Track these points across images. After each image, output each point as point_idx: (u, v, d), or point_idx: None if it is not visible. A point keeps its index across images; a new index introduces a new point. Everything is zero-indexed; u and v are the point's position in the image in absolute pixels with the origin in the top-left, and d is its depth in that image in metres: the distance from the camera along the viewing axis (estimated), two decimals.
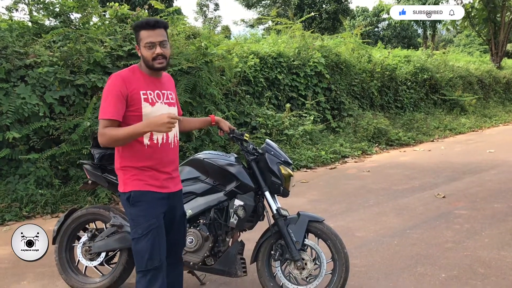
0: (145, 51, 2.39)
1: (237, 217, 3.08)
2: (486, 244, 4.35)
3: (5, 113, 5.72)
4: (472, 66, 19.62)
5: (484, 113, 17.02)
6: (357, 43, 13.83)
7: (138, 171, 2.43)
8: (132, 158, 2.43)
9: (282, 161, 3.20)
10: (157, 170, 2.46)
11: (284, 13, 29.93)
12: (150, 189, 2.43)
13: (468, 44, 40.16)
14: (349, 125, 11.40)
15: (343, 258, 3.05)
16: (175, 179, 2.60)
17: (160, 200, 2.47)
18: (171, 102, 2.56)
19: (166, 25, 2.45)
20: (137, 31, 2.42)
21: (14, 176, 5.91)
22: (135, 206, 2.43)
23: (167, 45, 2.43)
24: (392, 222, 5.11)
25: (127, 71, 2.45)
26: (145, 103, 2.41)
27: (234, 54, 9.65)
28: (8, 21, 7.28)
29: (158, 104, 2.45)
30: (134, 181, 2.43)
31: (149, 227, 2.41)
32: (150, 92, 2.44)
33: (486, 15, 22.28)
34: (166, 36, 2.43)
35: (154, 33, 2.38)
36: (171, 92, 2.61)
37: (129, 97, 2.37)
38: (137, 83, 2.41)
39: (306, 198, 6.22)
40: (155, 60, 2.40)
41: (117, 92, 2.35)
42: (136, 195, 2.42)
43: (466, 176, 7.48)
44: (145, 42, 2.38)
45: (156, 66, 2.41)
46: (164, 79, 2.59)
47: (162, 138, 2.46)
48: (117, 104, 2.34)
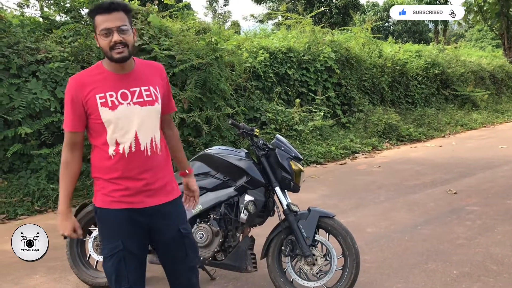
0: (101, 39, 1.99)
1: (247, 212, 3.08)
2: (498, 240, 4.30)
3: (17, 108, 5.77)
4: (484, 61, 19.41)
5: (496, 109, 16.84)
6: (367, 37, 13.74)
7: (105, 183, 2.09)
8: (99, 168, 2.10)
9: (293, 156, 3.19)
10: (127, 181, 2.07)
11: (293, 8, 29.75)
12: (116, 206, 2.08)
13: (480, 38, 39.74)
14: (360, 120, 11.35)
15: (354, 254, 3.03)
16: (156, 192, 2.13)
17: (130, 219, 2.09)
18: (147, 101, 2.08)
19: (126, 7, 2.03)
20: (92, 16, 2.01)
21: (26, 171, 5.97)
22: (100, 223, 2.15)
23: (128, 31, 2.00)
24: (403, 218, 5.08)
25: (85, 71, 2.12)
26: (102, 108, 2.01)
27: (244, 49, 9.63)
28: (19, 17, 7.33)
29: (123, 106, 2.02)
30: (100, 195, 2.11)
31: (112, 249, 2.08)
32: (111, 93, 2.02)
33: (499, 9, 22.03)
34: (126, 21, 2.01)
35: (110, 17, 1.96)
36: (150, 86, 2.12)
37: (84, 103, 2.02)
38: (93, 85, 2.03)
39: (316, 194, 6.20)
40: (113, 49, 1.98)
41: (72, 99, 2.03)
42: (101, 213, 2.12)
43: (478, 172, 7.40)
44: (101, 29, 1.97)
45: (115, 57, 1.99)
46: (136, 73, 2.12)
47: (129, 146, 2.04)
48: (73, 112, 2.04)
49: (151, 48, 7.27)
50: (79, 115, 2.04)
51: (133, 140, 2.04)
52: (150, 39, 7.52)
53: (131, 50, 2.03)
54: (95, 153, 2.11)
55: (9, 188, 5.70)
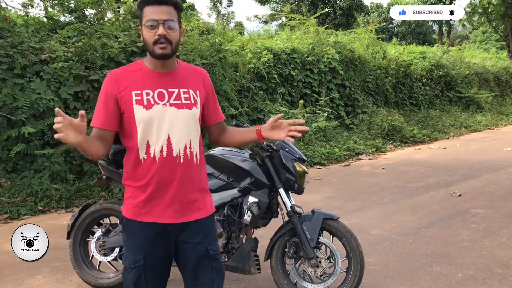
0: (146, 31, 1.87)
1: (251, 214, 3.06)
2: (503, 243, 4.27)
3: (21, 108, 5.77)
4: (488, 62, 19.36)
5: (500, 111, 16.78)
6: (371, 39, 13.72)
7: (135, 191, 1.95)
8: (130, 174, 1.97)
9: (297, 157, 3.18)
10: (156, 191, 1.92)
11: (297, 9, 29.74)
12: (144, 219, 1.94)
13: (484, 40, 39.67)
14: (363, 122, 11.32)
15: (358, 256, 3.01)
16: (186, 208, 1.96)
17: (156, 234, 1.95)
18: (184, 104, 1.95)
19: (177, 4, 1.91)
20: (141, 8, 1.91)
21: (29, 171, 5.96)
22: (126, 233, 2.02)
23: (175, 27, 1.88)
24: (407, 220, 5.05)
25: (125, 67, 2.01)
26: (137, 106, 1.89)
27: (247, 50, 9.63)
28: (24, 17, 7.35)
29: (158, 106, 1.89)
30: (128, 204, 1.98)
31: (134, 262, 1.95)
32: (148, 92, 1.91)
33: (504, 11, 21.95)
34: (175, 17, 1.89)
35: (159, 9, 1.86)
36: (190, 89, 1.98)
37: (119, 99, 1.90)
38: (131, 81, 1.92)
39: (320, 195, 6.17)
40: (156, 44, 1.85)
41: (106, 95, 1.91)
42: (127, 223, 2.00)
43: (482, 174, 7.36)
44: (147, 20, 1.86)
45: (157, 52, 1.87)
46: (179, 73, 2.00)
47: (160, 150, 1.89)
48: (105, 109, 1.91)
49: None
50: (112, 112, 1.91)
51: (165, 143, 1.90)
52: None
53: (175, 48, 1.91)
54: (127, 156, 1.98)
55: (12, 188, 5.70)
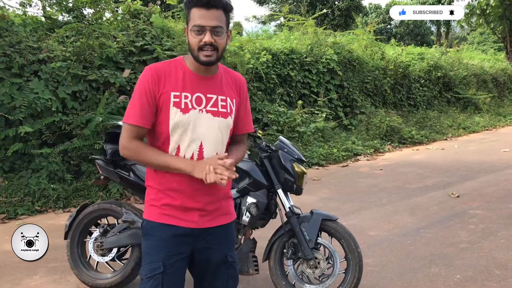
0: (192, 36, 1.78)
1: (249, 215, 3.05)
2: (502, 245, 4.27)
3: (18, 107, 5.75)
4: (486, 64, 19.39)
5: (498, 112, 16.81)
6: (370, 40, 13.72)
7: (159, 194, 1.87)
8: (156, 177, 1.89)
9: (296, 158, 3.17)
10: (184, 196, 1.86)
11: (296, 9, 29.76)
12: (166, 221, 1.86)
13: (482, 41, 39.77)
14: (362, 122, 11.32)
15: (357, 257, 3.00)
16: (211, 213, 1.91)
17: (177, 238, 1.86)
18: (220, 112, 1.88)
19: (227, 6, 1.80)
20: (188, 7, 1.80)
21: (27, 171, 5.94)
22: (145, 238, 1.91)
23: (222, 34, 1.79)
24: (406, 221, 5.05)
25: (165, 64, 1.89)
26: (174, 109, 1.80)
27: (246, 51, 9.61)
28: (22, 16, 7.32)
29: (195, 112, 1.82)
30: (150, 206, 1.90)
31: (152, 271, 1.85)
32: (187, 95, 1.82)
33: (502, 12, 21.99)
34: (223, 21, 1.80)
35: (207, 14, 1.75)
36: (227, 97, 1.92)
37: (157, 98, 1.81)
38: (171, 80, 1.83)
39: (318, 196, 6.17)
40: (202, 50, 1.77)
41: (145, 91, 1.81)
42: (147, 226, 1.90)
43: (480, 175, 7.37)
44: (193, 25, 1.77)
45: (201, 59, 1.79)
46: (218, 79, 1.92)
47: (191, 156, 1.83)
48: (143, 106, 1.81)
49: (153, 49, 7.25)
50: (151, 110, 1.81)
51: (196, 151, 1.84)
52: (153, 39, 7.50)
53: (220, 55, 1.83)
54: None
55: (9, 188, 5.68)
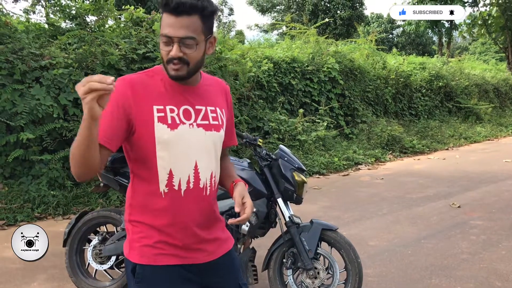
0: (161, 45, 1.52)
1: (249, 224, 3.03)
2: (503, 256, 4.24)
3: (20, 114, 5.75)
4: (488, 74, 19.41)
5: (500, 122, 16.79)
6: (371, 49, 13.76)
7: (150, 231, 1.58)
8: (143, 210, 1.59)
9: (296, 167, 3.16)
10: (180, 230, 1.59)
11: (298, 18, 29.90)
12: (165, 261, 1.58)
13: (483, 52, 39.85)
14: (363, 131, 11.32)
15: (357, 268, 2.98)
16: (214, 242, 1.68)
17: (181, 279, 1.60)
18: (212, 125, 1.64)
19: (204, 10, 1.49)
20: (162, 12, 1.51)
21: (27, 177, 5.94)
22: (142, 285, 1.58)
23: (193, 47, 1.49)
24: (406, 232, 5.02)
25: (142, 74, 1.60)
26: (159, 125, 1.52)
27: (248, 59, 9.63)
28: (25, 23, 7.35)
29: (184, 127, 1.56)
30: (142, 247, 1.58)
31: None
32: (172, 108, 1.56)
33: (503, 22, 22.06)
34: (198, 30, 1.49)
35: (175, 23, 1.46)
36: (217, 108, 1.68)
37: (134, 114, 1.51)
38: (151, 93, 1.55)
39: (318, 205, 6.15)
40: (169, 63, 1.51)
41: (117, 106, 1.49)
42: (142, 271, 1.57)
43: (481, 185, 7.34)
44: (161, 34, 1.49)
45: (170, 74, 1.53)
46: (202, 88, 1.67)
47: (187, 181, 1.57)
48: (111, 122, 1.48)
49: (155, 56, 7.27)
50: (116, 128, 1.49)
51: (192, 173, 1.58)
52: (155, 47, 7.52)
53: (193, 69, 1.55)
54: (137, 187, 1.60)
55: (9, 194, 5.67)
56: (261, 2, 38.59)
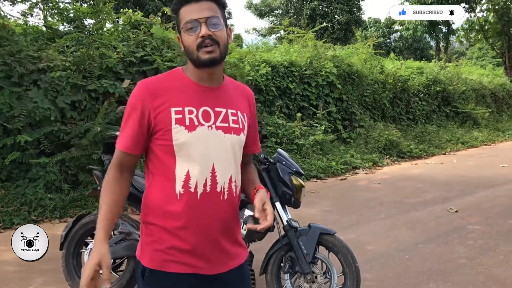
0: (186, 36, 1.51)
1: (246, 228, 3.02)
2: (500, 261, 4.24)
3: (17, 116, 5.74)
4: (485, 79, 19.48)
5: (497, 127, 16.84)
6: (369, 53, 13.79)
7: (163, 233, 1.55)
8: (157, 210, 1.56)
9: (294, 171, 3.15)
10: (194, 235, 1.54)
11: (296, 23, 29.97)
12: (176, 269, 1.54)
13: (480, 57, 39.98)
14: (360, 136, 11.32)
15: (354, 272, 2.98)
16: (225, 253, 1.61)
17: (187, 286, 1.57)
18: (232, 128, 1.59)
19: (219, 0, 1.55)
20: (176, 10, 1.55)
21: (24, 180, 5.91)
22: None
23: (220, 25, 1.52)
24: (404, 236, 5.02)
25: (161, 77, 1.61)
26: (177, 127, 1.51)
27: (246, 63, 9.64)
28: (23, 26, 7.35)
29: (203, 129, 1.53)
30: (153, 251, 1.56)
31: None
32: (191, 109, 1.53)
33: (500, 28, 22.18)
34: (219, 12, 1.53)
35: (198, 7, 1.50)
36: (238, 111, 1.64)
37: (152, 116, 1.52)
38: (170, 94, 1.54)
39: (316, 209, 6.14)
40: (200, 48, 1.49)
41: (136, 110, 1.53)
42: (151, 276, 1.56)
43: (479, 190, 7.35)
44: (185, 22, 1.50)
45: (202, 58, 1.50)
46: (225, 90, 1.64)
47: (204, 184, 1.53)
48: (133, 129, 1.54)
49: (153, 60, 7.27)
50: (141, 133, 1.54)
51: (209, 175, 1.54)
52: (153, 50, 7.53)
53: (224, 52, 1.55)
54: (153, 187, 1.59)
55: (6, 197, 5.64)
56: (259, 6, 38.67)
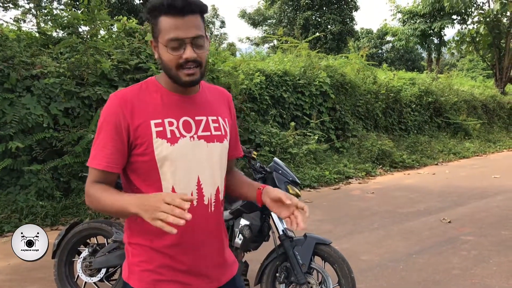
0: (167, 52, 1.40)
1: (242, 237, 3.01)
2: (494, 272, 4.24)
3: (9, 123, 5.68)
4: (476, 90, 19.66)
5: (488, 138, 16.96)
6: (362, 64, 13.87)
7: (151, 253, 1.48)
8: (143, 231, 1.48)
9: (290, 180, 3.15)
10: (183, 254, 1.48)
11: (289, 32, 30.13)
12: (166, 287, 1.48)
13: (471, 68, 40.41)
14: (353, 145, 11.35)
15: (350, 282, 2.96)
16: (217, 268, 1.57)
17: None
18: (215, 135, 1.54)
19: (203, 8, 1.43)
20: (155, 16, 1.42)
21: (15, 187, 5.85)
22: None
23: (204, 46, 1.43)
24: (398, 246, 5.01)
25: (135, 88, 1.50)
26: (158, 140, 1.43)
27: (240, 71, 9.65)
28: (16, 32, 7.31)
29: (185, 140, 1.47)
30: (142, 272, 1.48)
31: None
32: (171, 121, 1.46)
33: (491, 40, 22.38)
34: (202, 27, 1.41)
35: (183, 23, 1.37)
36: (219, 117, 1.58)
37: (132, 131, 1.43)
38: (147, 107, 1.46)
39: (310, 219, 6.10)
40: (182, 68, 1.41)
41: (113, 125, 1.43)
42: None
43: (471, 201, 7.38)
44: (168, 39, 1.38)
45: (183, 79, 1.43)
46: (202, 97, 1.57)
47: (191, 195, 1.48)
48: (111, 144, 1.43)
49: (148, 67, 7.25)
50: (120, 150, 1.44)
51: (195, 189, 1.48)
52: (147, 58, 7.51)
53: (204, 71, 1.47)
54: None
55: None
56: (252, 16, 38.86)
